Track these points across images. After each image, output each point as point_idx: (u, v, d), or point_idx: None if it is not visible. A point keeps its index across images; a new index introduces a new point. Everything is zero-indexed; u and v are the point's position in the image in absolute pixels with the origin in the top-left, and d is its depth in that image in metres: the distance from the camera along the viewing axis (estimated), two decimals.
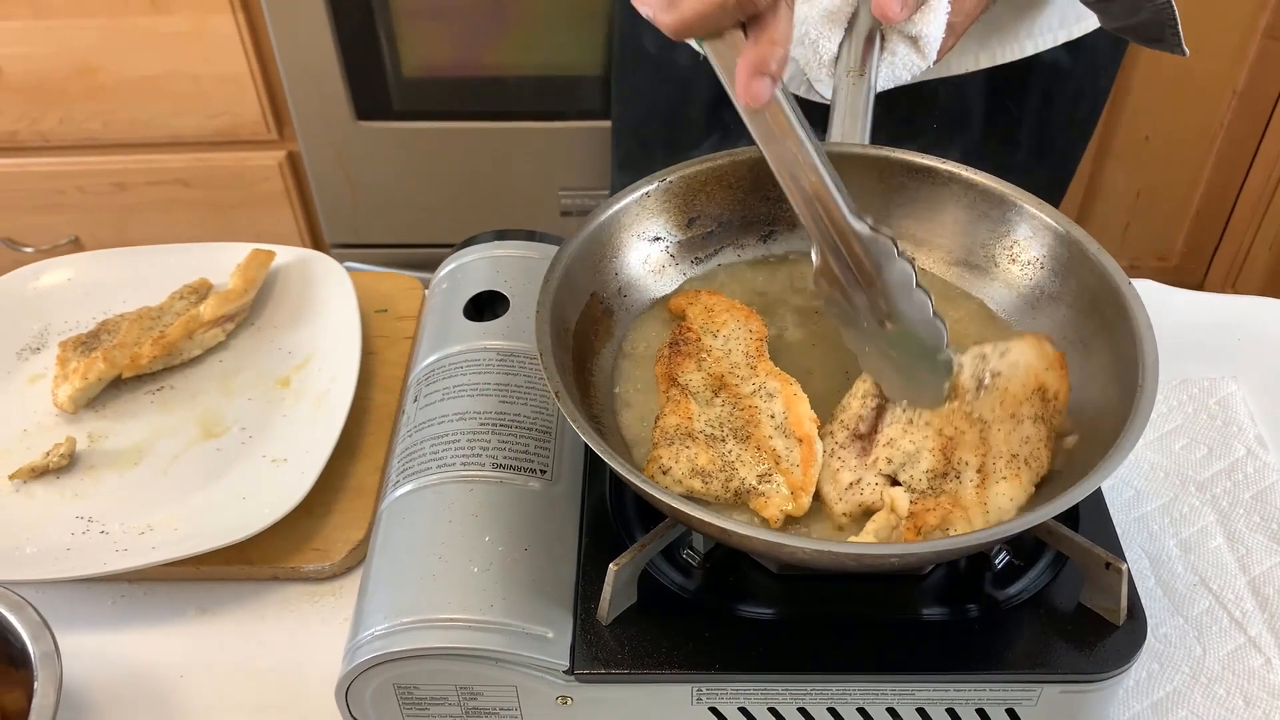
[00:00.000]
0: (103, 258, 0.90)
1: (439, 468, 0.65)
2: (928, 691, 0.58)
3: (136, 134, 1.82)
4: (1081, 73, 0.97)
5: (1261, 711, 0.63)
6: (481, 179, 1.86)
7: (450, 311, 0.75)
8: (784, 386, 0.63)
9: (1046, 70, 0.94)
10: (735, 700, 0.59)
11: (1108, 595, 0.58)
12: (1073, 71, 0.96)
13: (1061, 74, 0.96)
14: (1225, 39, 1.72)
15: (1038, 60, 0.92)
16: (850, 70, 0.75)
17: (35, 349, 0.85)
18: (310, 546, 0.72)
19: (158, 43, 1.70)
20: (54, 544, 0.71)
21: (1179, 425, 0.80)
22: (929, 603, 0.60)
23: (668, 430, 0.60)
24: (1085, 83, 0.99)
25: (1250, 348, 0.86)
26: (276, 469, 0.75)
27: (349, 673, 0.58)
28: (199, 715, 0.66)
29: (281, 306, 0.87)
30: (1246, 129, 1.83)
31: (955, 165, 0.69)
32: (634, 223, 0.70)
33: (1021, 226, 0.67)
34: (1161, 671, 0.66)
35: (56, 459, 0.75)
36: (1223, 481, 0.76)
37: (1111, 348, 0.61)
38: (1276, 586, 0.70)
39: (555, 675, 0.57)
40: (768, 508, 0.57)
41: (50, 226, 1.93)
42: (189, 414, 0.80)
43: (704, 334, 0.64)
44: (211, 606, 0.71)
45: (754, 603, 0.60)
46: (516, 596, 0.59)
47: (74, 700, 0.66)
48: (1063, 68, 0.95)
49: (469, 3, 1.70)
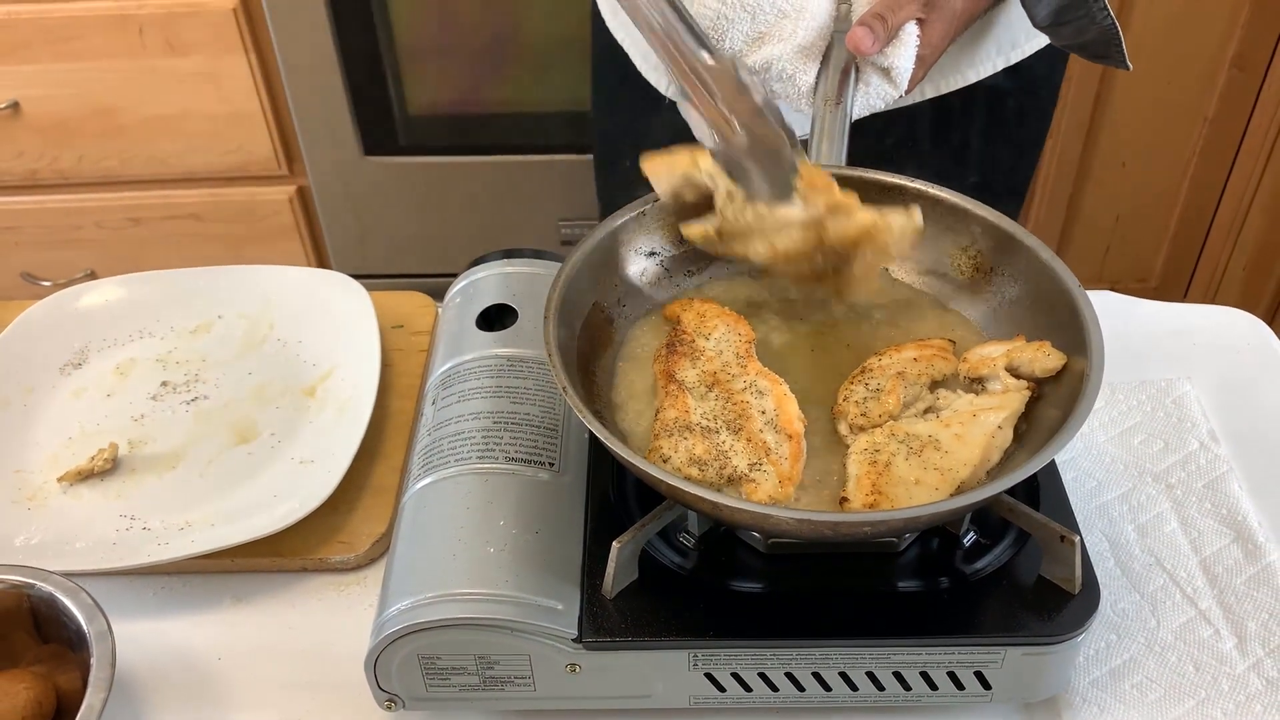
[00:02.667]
0: (139, 281, 0.97)
1: (456, 461, 0.71)
2: (903, 655, 0.64)
3: (152, 171, 1.89)
4: (1022, 93, 1.05)
5: (1210, 676, 0.69)
6: (484, 211, 1.93)
7: (464, 323, 0.81)
8: (774, 386, 0.69)
9: (988, 94, 1.02)
10: (728, 666, 0.64)
11: (1064, 566, 0.64)
12: (1012, 92, 1.04)
13: (1002, 95, 1.03)
14: (1195, 69, 1.80)
15: (979, 86, 1.00)
16: (827, 100, 0.83)
17: (77, 365, 0.92)
18: (337, 540, 0.78)
19: (174, 84, 1.78)
20: (101, 539, 0.77)
21: (1138, 422, 0.86)
22: (904, 576, 0.66)
23: (667, 423, 0.65)
24: (1026, 101, 1.07)
25: (1204, 351, 0.92)
26: (304, 469, 0.81)
27: (377, 644, 0.64)
28: (237, 693, 0.72)
29: (306, 323, 0.94)
30: (1218, 154, 1.91)
31: (921, 183, 0.76)
32: (632, 239, 0.76)
33: (982, 237, 0.74)
34: (1119, 642, 0.71)
35: (101, 463, 0.82)
36: (1178, 472, 0.82)
37: (1065, 344, 0.68)
38: (1225, 565, 0.76)
39: (564, 643, 0.63)
40: (757, 492, 0.63)
41: (68, 261, 2.00)
42: (222, 422, 0.86)
43: (697, 336, 0.71)
44: (246, 596, 0.77)
45: (744, 578, 0.66)
46: (529, 573, 0.65)
47: (123, 681, 0.72)
48: (1003, 90, 1.03)
49: (471, 44, 1.78)
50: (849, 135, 0.80)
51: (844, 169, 0.78)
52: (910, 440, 0.63)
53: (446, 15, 1.73)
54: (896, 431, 0.64)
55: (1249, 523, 0.78)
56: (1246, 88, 1.82)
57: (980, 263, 0.74)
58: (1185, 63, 1.79)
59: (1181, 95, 1.83)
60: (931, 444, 0.63)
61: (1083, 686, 0.69)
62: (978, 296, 0.74)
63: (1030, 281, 0.71)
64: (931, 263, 0.76)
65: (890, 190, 0.77)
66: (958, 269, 0.75)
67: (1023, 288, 0.72)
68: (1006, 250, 0.73)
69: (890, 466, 0.62)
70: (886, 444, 0.63)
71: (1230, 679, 0.69)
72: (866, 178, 0.77)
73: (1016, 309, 0.72)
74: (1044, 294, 0.70)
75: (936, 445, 0.63)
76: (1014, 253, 0.72)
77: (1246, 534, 0.77)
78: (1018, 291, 0.72)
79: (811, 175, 0.72)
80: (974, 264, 0.75)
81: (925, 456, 0.62)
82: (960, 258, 0.75)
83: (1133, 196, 1.97)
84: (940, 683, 0.65)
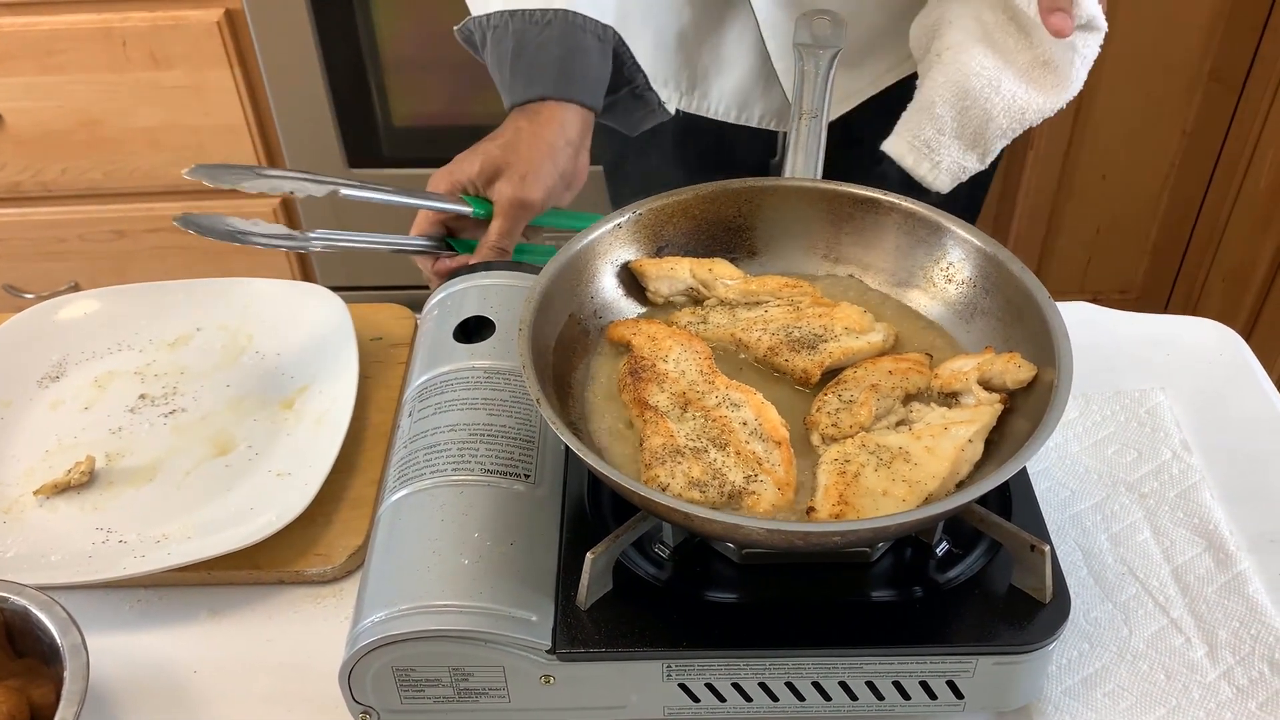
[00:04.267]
0: (117, 293, 0.97)
1: (432, 473, 0.71)
2: (876, 665, 0.64)
3: (136, 183, 1.89)
4: None
5: (1180, 685, 0.70)
6: None
7: (441, 335, 0.81)
8: (748, 396, 0.69)
9: None
10: (702, 676, 0.65)
11: (1035, 576, 0.64)
12: None
13: None
14: (1174, 82, 1.82)
15: None
16: (803, 114, 0.84)
17: (55, 378, 0.92)
18: (313, 552, 0.78)
19: (158, 96, 1.78)
20: (76, 552, 0.77)
21: (1112, 432, 0.87)
22: (877, 586, 0.67)
23: (655, 450, 0.65)
24: None
25: (1177, 362, 0.93)
26: (281, 482, 0.81)
27: (351, 656, 0.64)
28: (212, 706, 0.72)
29: (285, 335, 0.94)
30: (1197, 166, 1.93)
31: (895, 196, 0.76)
32: (608, 250, 0.77)
33: (955, 249, 0.75)
34: (1092, 650, 0.72)
35: (77, 476, 0.82)
36: (1150, 482, 0.83)
37: (1034, 353, 0.68)
38: (1197, 574, 0.76)
39: (539, 654, 0.64)
40: (760, 504, 0.62)
41: (51, 273, 1.99)
42: (200, 434, 0.86)
43: (656, 360, 0.71)
44: (222, 609, 0.77)
45: (719, 589, 0.67)
46: (503, 585, 0.65)
47: (98, 694, 0.72)
48: None
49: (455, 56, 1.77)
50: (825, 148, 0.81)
51: (819, 182, 0.79)
52: (880, 451, 0.64)
53: (430, 27, 1.74)
54: (867, 443, 0.64)
55: (1220, 532, 0.78)
56: (1224, 101, 1.84)
57: (953, 275, 0.75)
58: (1164, 76, 1.81)
59: (1160, 108, 1.85)
60: (901, 456, 0.63)
61: (1055, 695, 0.69)
62: (951, 309, 0.75)
63: (1002, 294, 0.72)
64: (905, 275, 0.77)
65: (865, 203, 0.77)
66: (931, 282, 0.76)
67: (995, 300, 0.73)
68: (978, 263, 0.74)
69: (859, 477, 0.62)
70: (857, 455, 0.64)
71: (1201, 687, 0.69)
72: (840, 191, 0.78)
73: (989, 321, 0.73)
74: (1015, 306, 0.71)
75: (906, 457, 0.63)
76: (986, 266, 0.73)
77: (1218, 543, 0.78)
78: (990, 304, 0.73)
79: None
80: (947, 277, 0.75)
81: (894, 468, 0.63)
82: (933, 270, 0.76)
83: (1113, 209, 1.99)
84: (913, 692, 0.65)
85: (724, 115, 1.10)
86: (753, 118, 1.10)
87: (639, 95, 0.97)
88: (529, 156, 0.87)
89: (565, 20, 0.88)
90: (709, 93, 1.09)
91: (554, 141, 0.88)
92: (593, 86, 0.91)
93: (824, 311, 0.74)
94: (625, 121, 1.00)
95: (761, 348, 0.72)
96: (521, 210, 0.88)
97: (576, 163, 0.90)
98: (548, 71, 0.88)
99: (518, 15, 0.88)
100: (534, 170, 0.87)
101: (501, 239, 0.87)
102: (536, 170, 0.87)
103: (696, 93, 1.10)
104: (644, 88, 0.96)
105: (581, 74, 0.89)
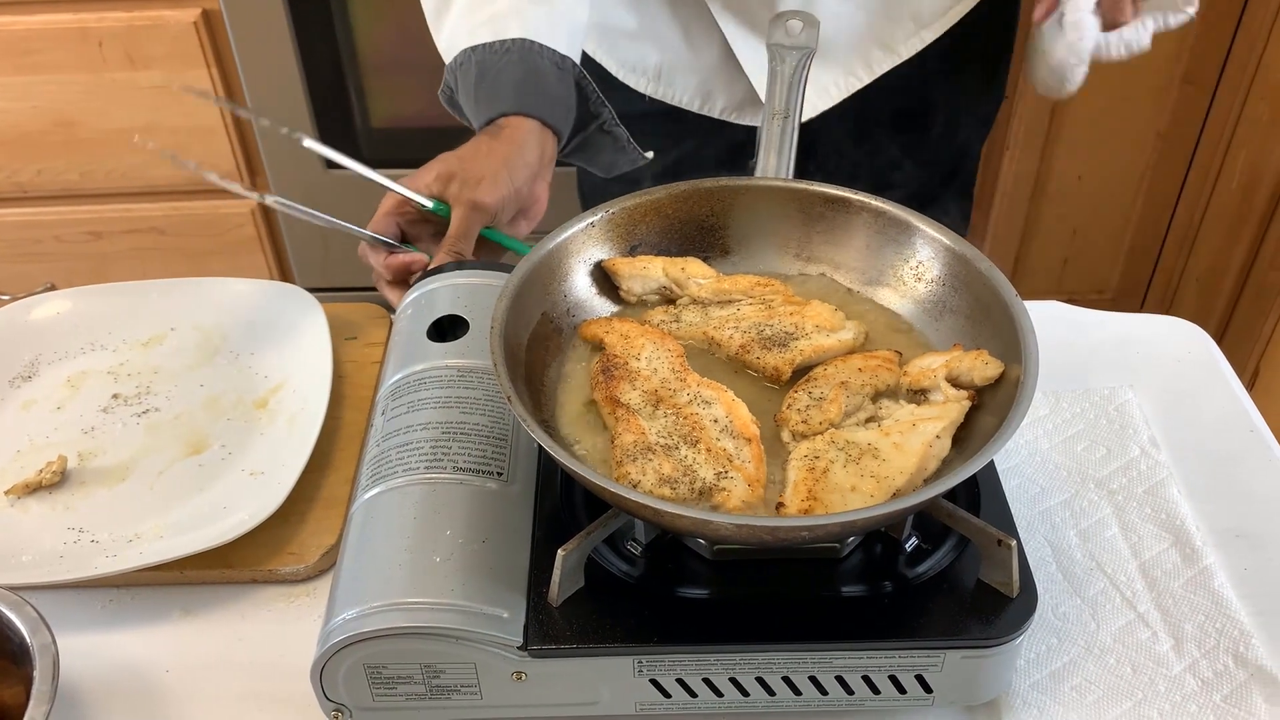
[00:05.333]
0: (91, 293, 0.97)
1: (405, 472, 0.71)
2: (845, 659, 0.65)
3: (113, 184, 1.89)
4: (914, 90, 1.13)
5: (1147, 678, 0.71)
6: None
7: (415, 334, 0.81)
8: (719, 394, 0.69)
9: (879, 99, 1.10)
10: (673, 672, 0.65)
11: (1002, 570, 0.65)
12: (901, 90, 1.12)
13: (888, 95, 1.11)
14: (1147, 85, 1.84)
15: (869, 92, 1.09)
16: (775, 114, 0.84)
17: (27, 377, 0.91)
18: (286, 551, 0.78)
19: (135, 97, 1.78)
20: (48, 552, 0.77)
21: (1081, 430, 0.88)
22: (847, 582, 0.67)
23: (627, 447, 0.66)
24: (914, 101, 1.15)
25: (1145, 360, 0.94)
26: (255, 481, 0.81)
27: (323, 654, 0.64)
28: (185, 705, 0.72)
29: (258, 335, 0.94)
30: (1171, 168, 1.95)
31: (865, 195, 0.77)
32: (581, 249, 0.77)
33: (924, 248, 0.75)
34: (1060, 645, 0.73)
35: (49, 475, 0.81)
36: (1119, 478, 0.84)
37: (1002, 350, 0.69)
38: (1164, 569, 0.77)
39: (510, 651, 0.64)
40: (730, 500, 0.62)
41: (27, 275, 1.98)
42: (173, 434, 0.86)
43: (628, 358, 0.71)
44: (195, 608, 0.77)
45: (690, 585, 0.67)
46: (475, 582, 0.65)
47: (69, 694, 0.72)
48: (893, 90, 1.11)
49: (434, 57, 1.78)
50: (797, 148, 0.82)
51: (791, 181, 0.80)
52: (849, 448, 0.64)
53: (409, 29, 1.74)
54: (836, 439, 0.65)
55: (1187, 527, 0.79)
56: (1197, 103, 1.85)
57: (922, 274, 0.76)
58: (1138, 79, 1.83)
59: (1135, 111, 1.87)
60: (870, 452, 0.64)
61: (1023, 689, 0.70)
62: (920, 307, 0.76)
63: (970, 292, 0.73)
64: (876, 274, 0.78)
65: (835, 202, 0.78)
66: (900, 280, 0.77)
67: (963, 298, 0.73)
68: (947, 262, 0.74)
69: (828, 473, 0.63)
70: (826, 451, 0.64)
71: (1167, 680, 0.70)
72: (812, 190, 0.79)
73: (957, 319, 0.74)
74: (983, 304, 0.71)
75: (875, 453, 0.64)
76: (954, 264, 0.74)
77: (1185, 538, 0.79)
78: (959, 302, 0.73)
79: None
80: (916, 275, 0.76)
81: (863, 464, 0.63)
82: (903, 269, 0.77)
83: (1089, 210, 2.01)
84: (882, 686, 0.66)
85: (688, 105, 1.14)
86: (715, 109, 1.14)
87: (607, 131, 1.00)
88: (485, 164, 0.91)
89: (523, 46, 0.93)
90: (674, 81, 1.13)
91: (510, 157, 0.91)
92: (553, 104, 0.94)
93: (795, 310, 0.74)
94: (598, 161, 1.03)
95: (733, 346, 0.73)
96: (474, 212, 0.90)
97: (534, 187, 0.93)
98: (507, 90, 0.93)
99: (479, 49, 0.94)
100: (490, 177, 0.90)
101: (457, 241, 0.89)
102: (493, 177, 0.90)
103: (663, 81, 1.14)
104: (611, 123, 0.99)
105: (540, 91, 0.93)
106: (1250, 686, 0.70)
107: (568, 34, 0.95)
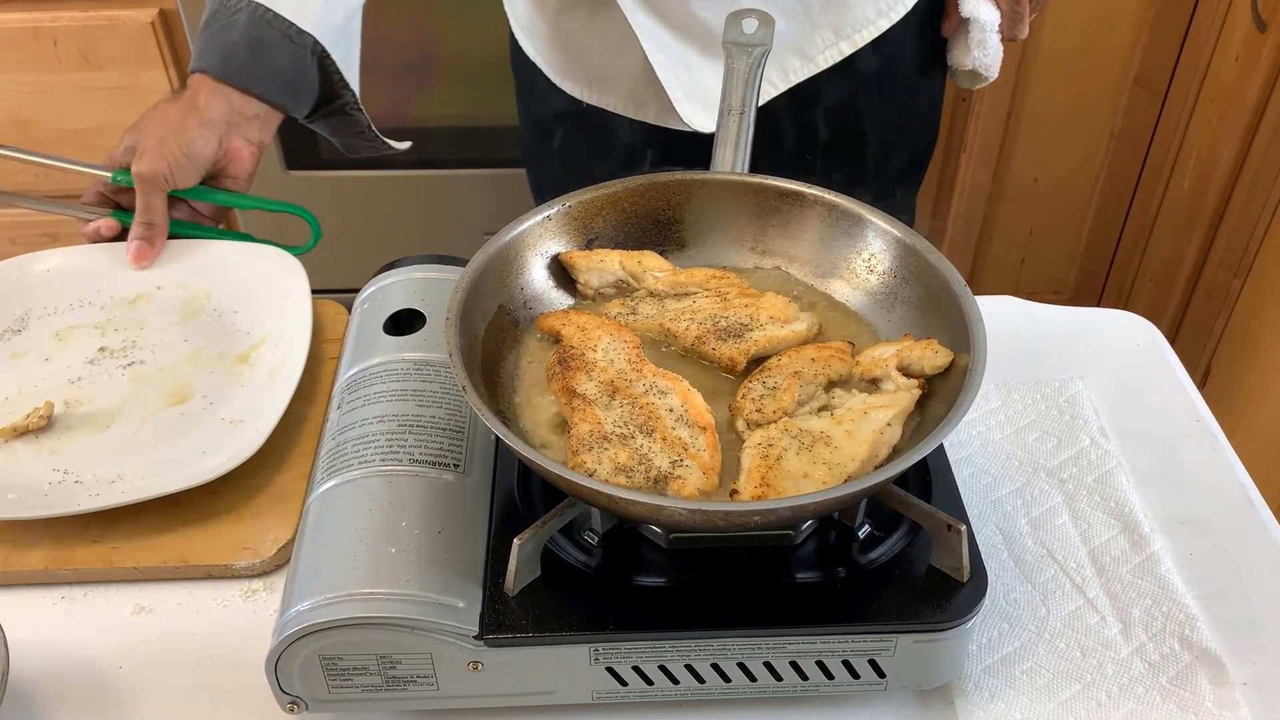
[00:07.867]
0: (84, 251, 1.00)
1: (360, 464, 0.71)
2: (799, 645, 0.65)
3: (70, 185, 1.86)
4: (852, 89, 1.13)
5: (1095, 661, 0.72)
6: (408, 224, 1.93)
7: (371, 328, 0.82)
8: (675, 384, 0.70)
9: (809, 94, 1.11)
10: (629, 659, 0.65)
11: (952, 555, 0.66)
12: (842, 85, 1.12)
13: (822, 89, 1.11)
14: (1101, 87, 1.87)
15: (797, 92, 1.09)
16: (730, 110, 0.85)
17: (16, 331, 0.93)
18: (242, 546, 0.78)
19: (91, 97, 1.76)
20: (33, 490, 0.79)
21: (1033, 420, 0.89)
22: (801, 568, 0.68)
23: (583, 436, 0.66)
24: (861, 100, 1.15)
25: (1095, 352, 0.96)
26: (234, 429, 0.83)
27: (278, 645, 0.64)
28: (138, 701, 0.71)
29: (242, 294, 0.95)
30: (1124, 169, 1.98)
31: (819, 189, 0.78)
32: (537, 242, 0.78)
33: (876, 240, 0.76)
34: (1011, 630, 0.74)
35: (36, 420, 0.83)
36: (1069, 468, 0.85)
37: (952, 340, 0.70)
38: (1113, 555, 0.79)
39: (466, 640, 0.64)
40: (685, 488, 0.63)
41: None
42: (157, 385, 0.88)
43: (585, 349, 0.72)
44: (149, 604, 0.76)
45: (646, 574, 0.67)
46: (430, 572, 0.65)
47: (20, 691, 0.71)
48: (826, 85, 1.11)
49: (396, 59, 1.78)
50: None
51: (746, 176, 0.81)
52: (802, 436, 0.65)
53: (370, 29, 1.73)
54: (790, 427, 0.66)
55: (1135, 515, 0.81)
56: (1149, 105, 1.89)
57: (874, 266, 0.77)
58: (1091, 82, 1.86)
59: (1089, 113, 1.90)
60: (822, 440, 0.65)
61: (975, 674, 0.71)
62: (872, 298, 0.77)
63: (921, 283, 0.74)
64: (829, 266, 0.79)
65: (789, 196, 0.79)
66: (853, 272, 0.78)
67: (914, 289, 0.74)
68: (898, 254, 0.75)
69: (781, 460, 0.63)
70: (779, 439, 0.65)
71: (1115, 663, 0.72)
72: (766, 184, 0.80)
73: (908, 309, 0.75)
74: (934, 295, 0.73)
75: (827, 441, 0.65)
76: (905, 256, 0.75)
77: (1133, 525, 0.80)
78: (910, 293, 0.75)
79: None
80: (868, 267, 0.77)
81: (815, 451, 0.64)
82: (855, 261, 0.78)
83: (1045, 211, 2.03)
84: (836, 671, 0.67)
85: (623, 111, 1.14)
86: (648, 115, 1.13)
87: (349, 114, 1.01)
88: (150, 132, 0.93)
89: (253, 12, 0.92)
90: (605, 89, 1.14)
91: (181, 121, 0.93)
92: (269, 79, 0.94)
93: (750, 302, 0.75)
94: (341, 140, 1.05)
95: (689, 337, 0.74)
96: (141, 183, 0.93)
97: (221, 146, 0.94)
98: (216, 49, 0.93)
99: None
100: (152, 146, 0.92)
101: (140, 213, 0.93)
102: (156, 147, 0.92)
103: (594, 88, 1.14)
104: (353, 107, 1.01)
105: (255, 61, 0.93)
106: (1195, 668, 0.71)
107: (321, 9, 0.94)
